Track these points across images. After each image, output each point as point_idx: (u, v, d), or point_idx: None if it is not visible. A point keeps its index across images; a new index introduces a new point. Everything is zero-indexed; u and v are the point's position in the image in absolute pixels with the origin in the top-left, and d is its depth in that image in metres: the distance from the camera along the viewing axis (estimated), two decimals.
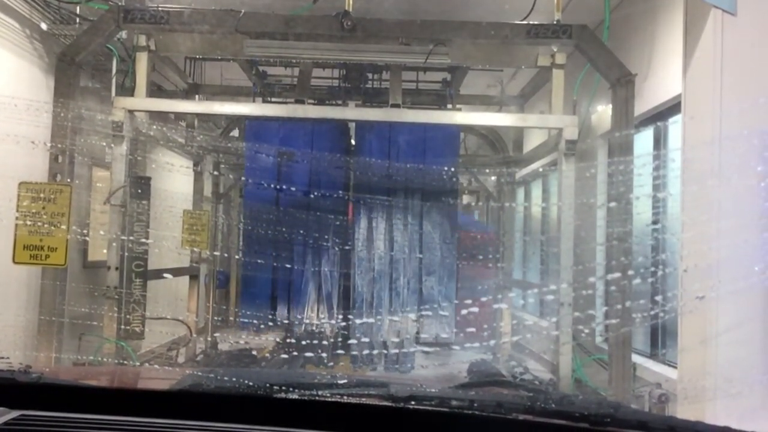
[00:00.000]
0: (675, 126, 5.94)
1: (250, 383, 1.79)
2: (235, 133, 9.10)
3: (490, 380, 2.20)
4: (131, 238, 5.96)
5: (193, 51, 5.91)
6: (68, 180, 4.75)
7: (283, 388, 1.72)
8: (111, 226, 6.05)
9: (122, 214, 5.95)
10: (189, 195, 8.86)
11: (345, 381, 1.98)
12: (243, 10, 4.64)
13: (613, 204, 4.73)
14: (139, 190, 5.89)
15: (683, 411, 3.75)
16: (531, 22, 5.07)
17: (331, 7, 4.87)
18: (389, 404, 1.68)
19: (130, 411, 1.62)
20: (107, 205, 6.03)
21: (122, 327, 5.83)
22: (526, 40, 5.09)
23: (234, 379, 1.85)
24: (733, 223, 3.11)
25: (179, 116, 9.23)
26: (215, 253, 9.24)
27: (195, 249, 8.79)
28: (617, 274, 4.78)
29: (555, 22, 5.00)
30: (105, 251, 6.04)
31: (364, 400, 1.74)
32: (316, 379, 1.99)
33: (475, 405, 1.70)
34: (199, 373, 2.17)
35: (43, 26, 5.76)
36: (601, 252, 7.69)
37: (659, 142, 5.96)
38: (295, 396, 1.69)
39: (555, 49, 5.57)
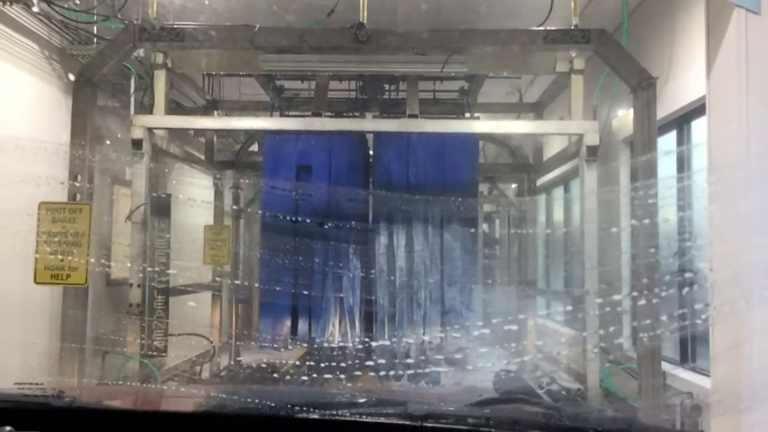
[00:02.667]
0: (697, 127, 5.84)
1: (272, 404, 1.82)
2: (255, 147, 9.12)
3: (507, 397, 2.20)
4: (153, 256, 5.97)
5: (210, 67, 5.94)
6: (88, 199, 4.75)
7: (305, 408, 1.74)
8: (132, 244, 6.08)
9: (143, 232, 5.97)
10: (209, 211, 8.90)
11: (364, 399, 2.01)
12: (258, 26, 4.63)
13: (638, 212, 4.63)
14: (160, 207, 5.90)
15: (717, 422, 3.64)
16: (548, 28, 5.00)
17: (345, 19, 4.85)
18: (407, 422, 1.71)
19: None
20: (128, 223, 6.07)
21: (145, 344, 5.83)
22: (543, 47, 5.03)
23: (257, 400, 1.89)
24: (765, 224, 3.02)
25: (198, 133, 9.30)
26: (234, 268, 9.25)
27: (217, 265, 8.83)
28: (645, 281, 4.68)
29: (573, 27, 4.93)
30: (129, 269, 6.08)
31: (382, 419, 1.75)
32: (336, 399, 2.04)
33: (491, 422, 1.71)
34: (223, 395, 2.22)
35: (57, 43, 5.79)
36: (626, 260, 7.58)
37: (682, 144, 5.86)
38: (315, 416, 1.72)
39: (573, 55, 5.50)
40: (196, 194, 10.47)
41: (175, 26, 4.84)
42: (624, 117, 7.31)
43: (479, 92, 8.27)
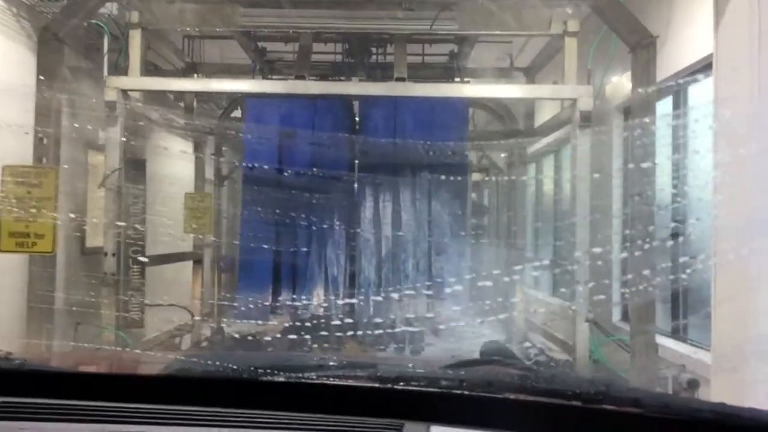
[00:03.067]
0: (694, 89, 5.63)
1: (236, 367, 1.79)
2: (238, 113, 8.83)
3: (481, 359, 2.13)
4: (127, 223, 5.73)
5: (185, 23, 5.63)
6: (55, 163, 4.49)
7: (269, 371, 1.71)
8: (107, 211, 5.83)
9: (118, 198, 5.72)
10: (191, 178, 8.64)
11: (333, 363, 1.98)
12: None
13: (631, 167, 4.45)
14: (135, 174, 5.65)
15: (719, 378, 3.51)
16: None
17: None
18: (377, 385, 1.68)
19: (115, 396, 1.61)
20: (103, 189, 5.82)
21: (121, 315, 5.62)
22: (538, 2, 4.78)
23: (219, 364, 1.86)
24: None
25: (178, 98, 8.99)
26: (217, 237, 9.03)
27: (198, 234, 8.60)
28: (636, 244, 4.52)
29: None
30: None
31: (350, 382, 1.72)
32: (303, 362, 2.01)
33: (465, 384, 1.68)
34: (186, 358, 2.19)
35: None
36: (617, 224, 7.43)
37: (678, 107, 5.65)
38: (281, 379, 1.69)
39: (570, 12, 5.24)
40: (176, 161, 10.22)
41: None
42: (618, 83, 7.09)
43: (469, 57, 8.01)
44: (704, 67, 4.56)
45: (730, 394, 3.26)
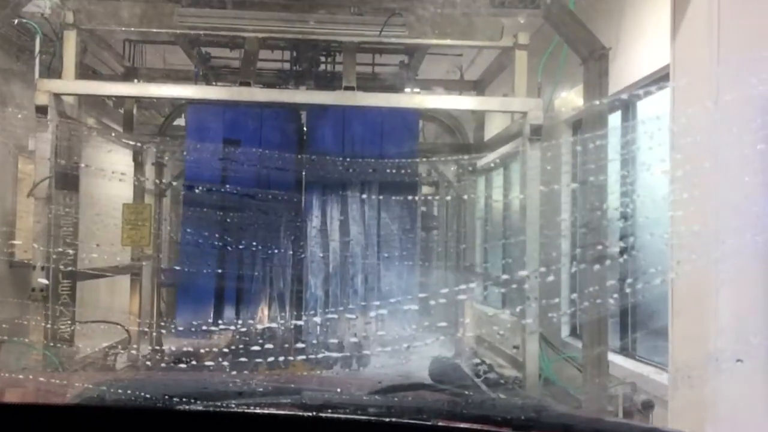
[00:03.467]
0: (644, 104, 5.62)
1: (149, 395, 1.69)
2: (181, 122, 8.52)
3: (409, 384, 2.06)
4: (57, 234, 5.39)
5: (120, 23, 5.34)
6: None
7: (186, 399, 1.61)
8: (36, 222, 5.48)
9: (47, 208, 5.38)
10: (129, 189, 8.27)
11: (256, 389, 1.95)
12: None
13: (579, 184, 4.39)
14: (66, 181, 5.31)
15: (678, 395, 3.43)
16: None
17: None
18: (300, 413, 1.61)
19: (18, 426, 1.51)
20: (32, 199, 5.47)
21: (49, 332, 5.26)
22: (489, 10, 4.68)
23: (131, 392, 1.76)
24: (730, 185, 2.82)
25: (118, 104, 8.63)
26: (157, 249, 8.67)
27: (136, 246, 8.23)
28: (587, 258, 4.45)
29: None
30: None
31: (272, 410, 1.65)
32: (224, 389, 1.95)
33: (393, 411, 1.64)
34: (95, 387, 2.05)
35: None
36: (566, 240, 7.40)
37: (628, 120, 5.62)
38: (198, 407, 1.59)
39: (522, 21, 5.17)
40: (113, 169, 9.81)
41: None
42: (567, 97, 7.09)
43: (419, 68, 7.92)
44: (657, 80, 4.54)
45: (689, 415, 3.19)
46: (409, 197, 6.44)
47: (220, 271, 6.32)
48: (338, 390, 2.14)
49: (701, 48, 2.89)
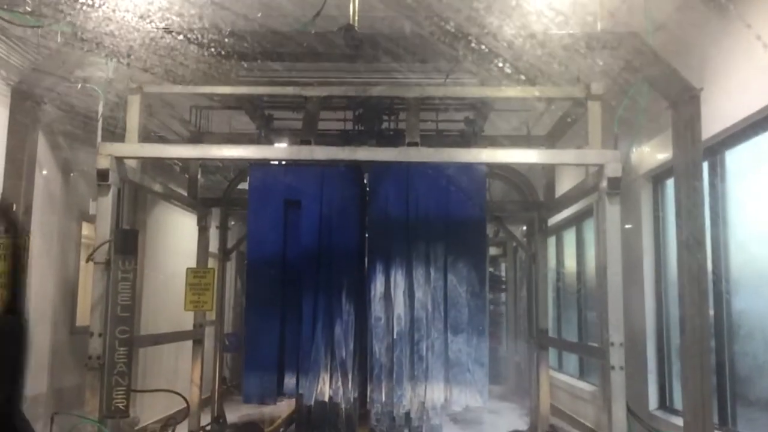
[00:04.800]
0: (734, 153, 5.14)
1: None
2: (245, 186, 8.48)
3: None
4: (116, 300, 5.24)
5: (177, 80, 5.28)
6: (26, 231, 4.04)
7: None
8: (94, 287, 5.37)
9: (107, 273, 5.27)
10: (193, 252, 8.22)
11: None
12: (229, 29, 4.01)
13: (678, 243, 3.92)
14: (126, 244, 5.20)
15: None
16: (569, 32, 4.35)
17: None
18: None
19: None
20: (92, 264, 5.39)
21: (104, 403, 5.07)
22: (564, 52, 4.38)
23: None
24: None
25: (184, 170, 8.68)
26: (221, 315, 8.51)
27: (199, 311, 8.09)
28: (687, 323, 3.95)
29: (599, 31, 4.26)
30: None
31: None
32: None
33: None
34: None
35: None
36: (651, 301, 6.84)
37: (715, 173, 5.12)
38: None
39: (601, 63, 4.84)
40: (178, 233, 9.83)
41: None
42: (644, 150, 6.67)
43: (484, 126, 7.66)
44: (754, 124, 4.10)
45: None
46: (478, 258, 6.07)
47: (282, 336, 6.08)
48: None
49: None
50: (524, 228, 9.79)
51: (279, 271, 6.12)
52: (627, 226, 6.58)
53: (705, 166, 5.60)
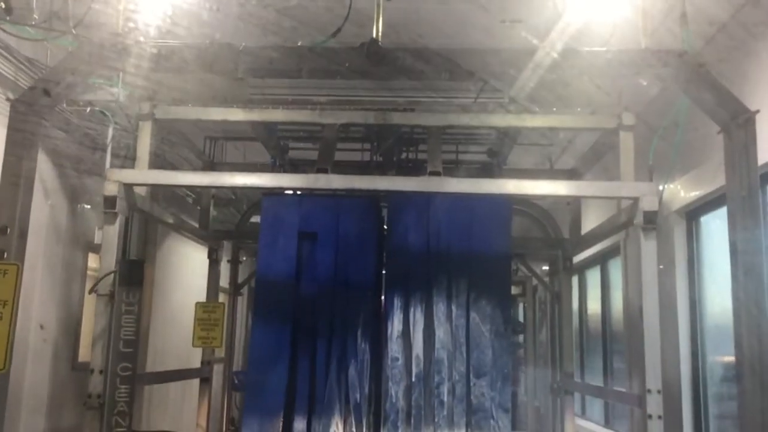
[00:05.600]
0: None
1: None
2: (258, 218, 8.22)
3: None
4: (119, 334, 4.94)
5: (188, 97, 5.04)
6: (20, 257, 3.75)
7: None
8: (97, 320, 5.09)
9: (110, 306, 4.99)
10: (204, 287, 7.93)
11: None
12: (243, 44, 3.77)
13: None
14: (130, 276, 4.92)
15: None
16: (611, 49, 4.07)
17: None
18: None
19: None
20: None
21: None
22: (606, 70, 4.08)
23: None
24: None
25: (197, 201, 8.45)
26: (230, 351, 8.18)
27: (208, 347, 7.76)
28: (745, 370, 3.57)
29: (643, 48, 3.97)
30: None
31: None
32: None
33: None
34: None
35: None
36: (686, 346, 6.44)
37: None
38: None
39: (645, 83, 4.56)
40: (188, 267, 9.56)
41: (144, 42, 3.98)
42: (678, 184, 6.34)
43: (507, 158, 7.39)
44: None
45: None
46: (502, 296, 5.73)
47: (291, 376, 5.72)
48: None
49: None
50: (544, 267, 9.45)
51: (290, 307, 5.79)
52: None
53: None
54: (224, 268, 8.62)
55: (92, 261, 6.68)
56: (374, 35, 3.71)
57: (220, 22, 3.97)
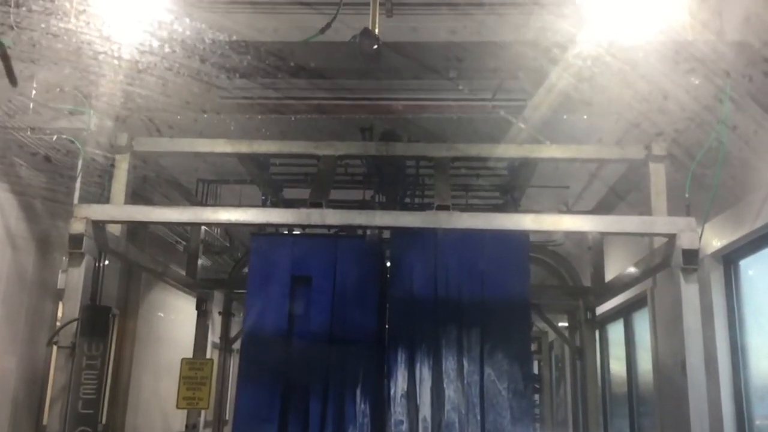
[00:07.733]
0: None
1: None
2: None
3: None
4: (81, 391, 4.28)
5: (160, 105, 4.48)
6: None
7: None
8: (56, 377, 4.44)
9: (70, 360, 4.34)
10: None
11: None
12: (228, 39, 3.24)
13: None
14: (94, 324, 4.28)
15: None
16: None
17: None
18: None
19: None
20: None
21: None
22: (642, 68, 3.49)
23: None
24: None
25: (187, 248, 7.87)
26: (219, 413, 7.44)
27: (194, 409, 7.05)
28: None
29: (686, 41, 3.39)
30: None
31: None
32: None
33: None
34: None
35: None
36: (728, 404, 5.70)
37: None
38: None
39: (696, 82, 3.94)
40: (176, 318, 8.89)
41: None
42: (714, 223, 5.72)
43: (521, 199, 6.79)
44: None
45: None
46: (521, 348, 5.04)
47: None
48: None
49: None
50: (561, 324, 8.74)
51: (280, 361, 5.13)
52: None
53: None
54: (217, 321, 7.99)
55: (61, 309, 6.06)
56: (370, 25, 3.15)
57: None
